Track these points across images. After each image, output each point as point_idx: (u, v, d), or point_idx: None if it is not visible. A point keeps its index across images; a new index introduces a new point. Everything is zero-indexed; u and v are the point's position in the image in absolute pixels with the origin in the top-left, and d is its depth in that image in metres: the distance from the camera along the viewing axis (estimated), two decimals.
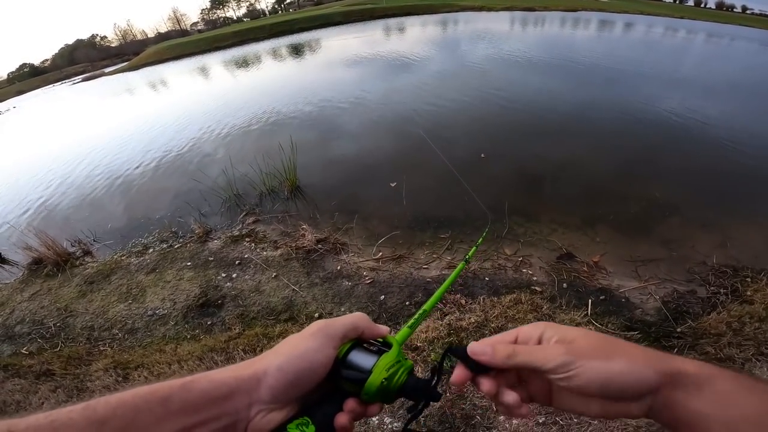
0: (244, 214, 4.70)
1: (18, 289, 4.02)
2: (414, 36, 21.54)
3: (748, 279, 2.97)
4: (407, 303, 3.00)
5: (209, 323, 3.14)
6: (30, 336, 3.31)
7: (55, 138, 12.50)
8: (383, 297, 3.10)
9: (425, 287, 3.13)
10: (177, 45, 42.36)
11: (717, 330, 2.45)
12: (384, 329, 0.50)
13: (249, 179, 5.32)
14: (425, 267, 3.40)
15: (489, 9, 33.28)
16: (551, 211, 4.09)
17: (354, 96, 9.37)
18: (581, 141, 5.83)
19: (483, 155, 5.52)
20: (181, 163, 7.04)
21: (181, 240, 4.39)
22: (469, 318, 2.64)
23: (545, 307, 2.72)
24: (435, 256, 3.54)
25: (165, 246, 4.34)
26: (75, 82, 43.53)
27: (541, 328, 0.45)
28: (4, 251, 4.78)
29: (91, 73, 48.36)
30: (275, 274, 3.53)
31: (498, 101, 7.85)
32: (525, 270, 3.26)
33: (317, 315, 3.01)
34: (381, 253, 3.67)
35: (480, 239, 0.96)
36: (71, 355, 2.92)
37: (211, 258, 3.92)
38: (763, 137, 5.76)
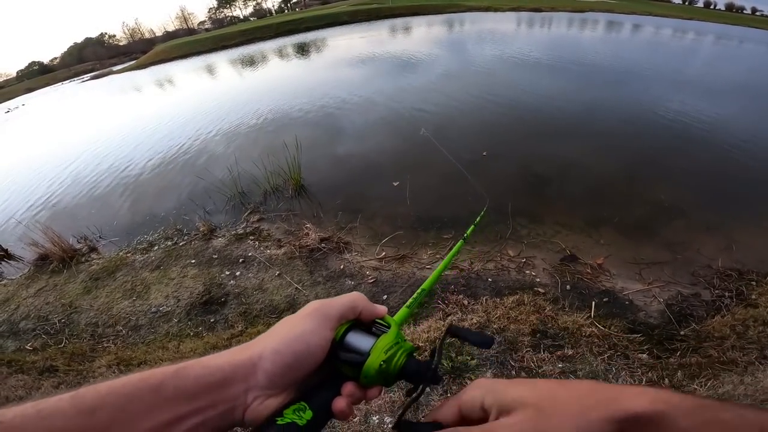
0: (248, 212, 4.72)
1: (24, 285, 4.07)
2: (420, 36, 21.53)
3: (753, 282, 2.94)
4: None
5: (212, 321, 3.16)
6: (35, 332, 3.34)
7: (63, 135, 12.63)
8: (386, 296, 3.10)
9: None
10: (184, 43, 42.64)
11: (721, 333, 2.44)
12: (382, 309, 0.49)
13: (254, 177, 5.34)
14: (428, 267, 3.40)
15: (495, 9, 33.20)
16: (555, 213, 4.08)
17: (359, 95, 9.39)
18: (586, 142, 5.79)
19: (485, 153, 5.52)
20: (187, 161, 7.08)
21: (186, 237, 4.42)
22: (471, 318, 2.63)
23: (548, 309, 2.71)
24: (438, 256, 3.54)
25: (170, 243, 4.37)
26: (83, 80, 43.94)
27: (481, 392, 0.41)
28: (10, 247, 4.82)
29: (100, 71, 48.81)
30: (278, 272, 3.54)
31: (503, 102, 7.83)
32: (528, 271, 3.25)
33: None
34: (384, 253, 3.67)
35: (478, 218, 0.94)
36: (75, 352, 2.94)
37: (216, 256, 3.94)
38: None
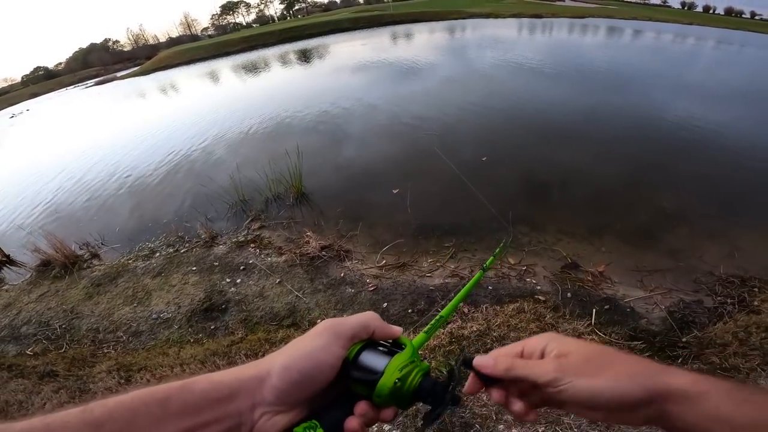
0: (249, 219, 4.74)
1: (26, 291, 4.08)
2: (421, 42, 21.66)
3: (755, 289, 2.93)
4: (410, 311, 3.00)
5: (213, 327, 3.16)
6: (35, 337, 3.35)
7: (67, 141, 12.72)
8: (386, 304, 3.10)
9: (428, 295, 3.12)
10: (188, 50, 43.04)
11: (723, 340, 2.43)
12: (397, 329, 0.48)
13: (255, 185, 5.36)
14: (428, 275, 3.40)
15: (497, 16, 33.37)
16: (556, 220, 4.07)
17: (359, 102, 9.43)
18: (587, 148, 5.80)
19: (484, 159, 5.55)
20: (189, 168, 7.12)
21: (188, 244, 4.43)
22: (471, 326, 2.63)
23: (548, 317, 2.71)
24: (438, 264, 3.54)
25: (171, 250, 4.38)
26: (88, 85, 44.28)
27: (546, 340, 0.46)
28: (12, 253, 4.85)
29: (104, 77, 49.20)
30: (279, 279, 3.54)
31: (503, 108, 7.86)
32: (529, 279, 3.24)
33: (320, 321, 3.01)
34: (385, 261, 3.67)
35: (498, 249, 0.96)
36: (75, 357, 2.95)
37: (217, 263, 3.95)
38: None
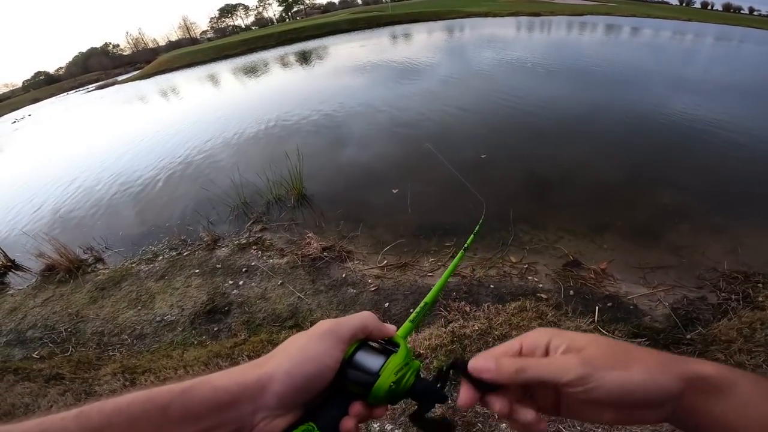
0: (251, 222, 4.76)
1: (31, 295, 4.11)
2: (419, 43, 21.67)
3: (759, 285, 2.92)
4: (411, 310, 2.99)
5: (216, 329, 3.18)
6: (42, 340, 3.37)
7: (70, 146, 12.77)
8: (388, 304, 3.11)
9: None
10: (187, 53, 43.11)
11: (727, 336, 2.42)
12: (391, 328, 0.48)
13: (256, 187, 5.38)
14: (430, 275, 3.41)
15: (494, 15, 33.37)
16: (557, 218, 4.08)
17: (358, 103, 9.46)
18: (588, 145, 5.80)
19: (483, 156, 5.58)
20: (191, 172, 7.14)
21: (190, 248, 4.45)
22: (473, 325, 2.63)
23: (550, 315, 2.71)
24: (440, 263, 3.55)
25: (174, 253, 4.40)
26: (89, 90, 44.42)
27: (547, 335, 0.42)
28: (17, 258, 4.87)
29: (105, 81, 49.37)
30: (281, 281, 3.56)
31: (503, 107, 7.86)
32: (530, 277, 3.25)
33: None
34: (386, 261, 3.68)
35: (477, 227, 0.95)
36: (81, 360, 2.97)
37: (219, 265, 3.97)
38: None
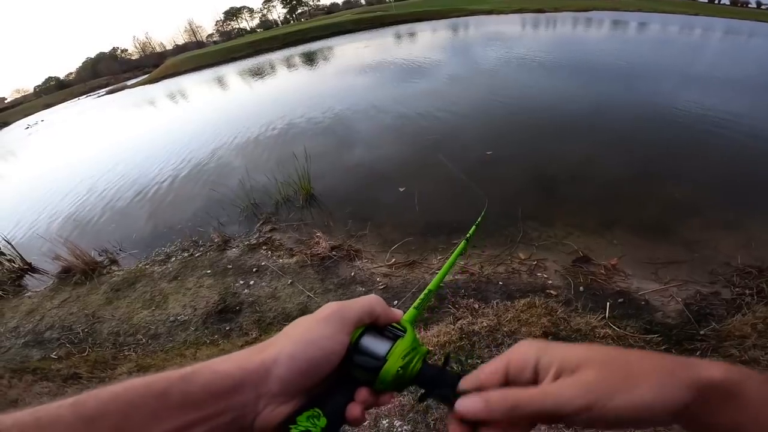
0: (260, 222, 4.81)
1: (48, 297, 4.20)
2: (423, 42, 21.64)
3: None
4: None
5: (227, 329, 3.22)
6: (59, 341, 3.45)
7: (83, 150, 12.99)
8: (396, 303, 3.12)
9: (438, 292, 3.13)
10: (194, 57, 43.57)
11: (741, 332, 2.39)
12: (398, 313, 0.47)
13: (265, 188, 5.44)
14: (438, 272, 3.41)
15: (498, 12, 33.18)
16: (566, 214, 4.06)
17: (365, 103, 9.48)
18: (596, 141, 5.76)
19: (489, 152, 5.59)
20: (201, 174, 7.23)
21: (201, 249, 4.51)
22: (482, 322, 2.64)
23: (560, 311, 2.70)
24: (444, 257, 3.55)
25: (186, 255, 4.47)
26: (99, 95, 45.11)
27: (535, 351, 0.38)
28: (34, 261, 4.98)
29: (114, 86, 50.09)
30: (291, 280, 3.60)
31: (508, 102, 7.83)
32: (540, 274, 3.24)
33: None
34: (394, 259, 3.70)
35: (479, 218, 0.95)
36: (98, 360, 3.04)
37: (230, 266, 4.02)
38: None
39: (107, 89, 49.35)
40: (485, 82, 9.93)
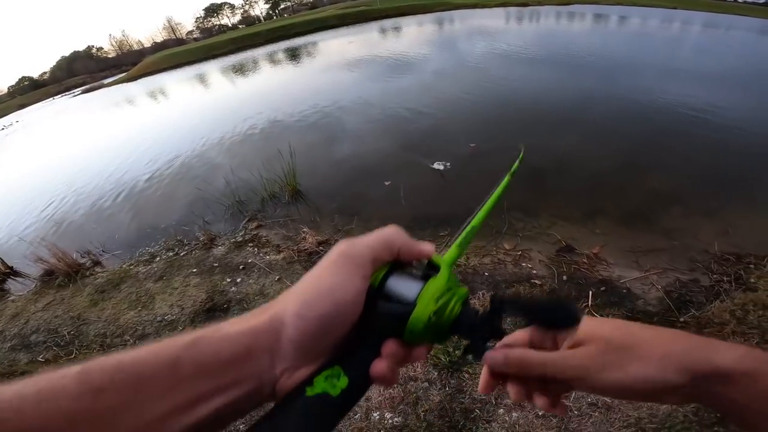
0: (246, 219, 4.77)
1: (32, 300, 4.10)
2: (408, 37, 21.60)
3: (751, 266, 2.95)
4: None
5: None
6: (45, 344, 3.38)
7: (61, 151, 12.65)
8: None
9: None
10: (174, 54, 42.67)
11: (721, 319, 2.44)
12: (428, 248, 0.40)
13: (250, 185, 5.39)
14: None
15: (483, 6, 33.30)
16: (550, 205, 4.13)
17: (350, 99, 9.45)
18: (578, 132, 5.85)
19: (473, 144, 5.63)
20: (184, 172, 7.13)
21: (187, 247, 4.46)
22: None
23: None
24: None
25: (171, 254, 4.41)
26: (75, 94, 43.93)
27: None
28: (16, 264, 4.86)
29: (91, 85, 48.84)
30: (278, 277, 3.59)
31: (492, 97, 7.89)
32: (524, 264, 3.30)
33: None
34: None
35: (520, 156, 0.89)
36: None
37: (216, 264, 3.99)
38: (765, 122, 5.75)
39: (83, 88, 48.06)
40: (469, 76, 9.97)
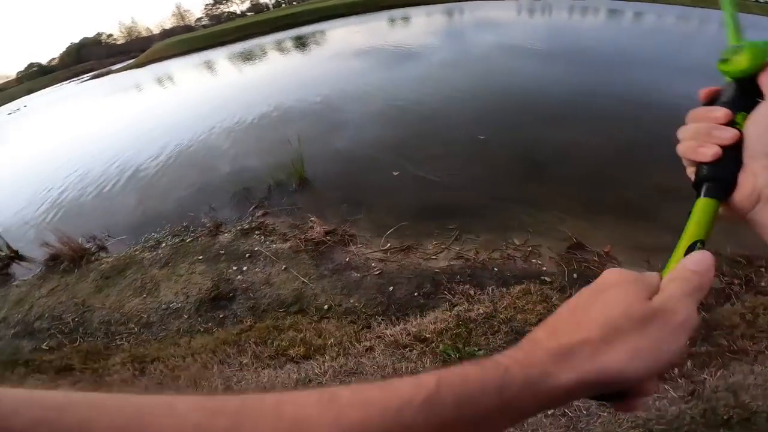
0: (253, 207, 4.74)
1: (36, 286, 4.12)
2: (417, 27, 21.34)
3: (762, 269, 2.90)
4: (416, 294, 3.02)
5: (221, 316, 3.19)
6: (49, 331, 3.39)
7: (67, 136, 12.67)
8: (392, 288, 3.12)
9: (434, 278, 3.14)
10: (182, 41, 42.53)
11: (730, 322, 2.42)
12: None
13: (257, 173, 5.38)
14: (433, 257, 3.41)
15: None
16: (560, 200, 4.06)
17: (358, 88, 9.36)
18: (588, 128, 5.74)
19: (482, 137, 5.55)
20: (190, 158, 7.11)
21: (193, 234, 4.45)
22: (478, 309, 2.65)
23: (555, 298, 2.72)
24: (443, 246, 3.55)
25: (177, 240, 4.40)
26: (83, 80, 43.94)
27: None
28: (21, 248, 4.87)
29: (99, 71, 48.77)
30: (285, 266, 3.56)
31: (500, 89, 7.78)
32: (534, 260, 3.26)
33: (326, 307, 3.03)
34: (389, 244, 3.68)
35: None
36: (90, 350, 3.00)
37: (222, 251, 3.97)
38: None
39: (92, 74, 48.04)
40: (477, 68, 9.84)
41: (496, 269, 3.15)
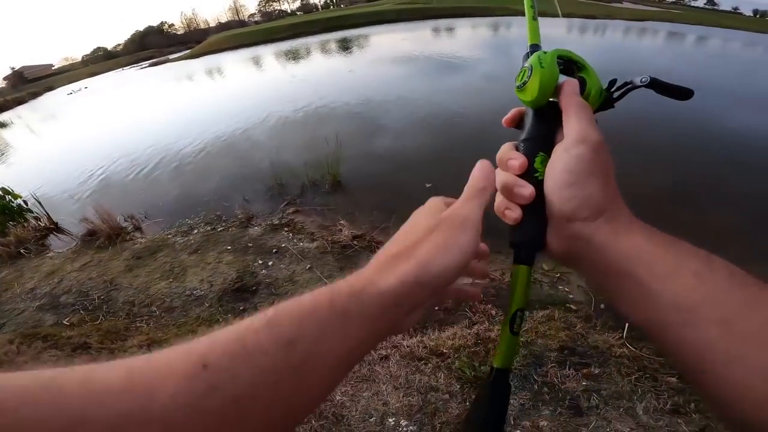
0: (285, 203, 4.81)
1: (70, 259, 4.28)
2: (463, 38, 21.22)
3: None
4: (436, 308, 2.94)
5: (242, 308, 3.22)
6: (74, 307, 3.45)
7: (121, 117, 13.41)
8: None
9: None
10: (236, 35, 44.28)
11: None
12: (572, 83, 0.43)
13: (293, 169, 5.44)
14: None
15: (546, 15, 32.12)
16: None
17: (400, 94, 9.36)
18: (629, 155, 5.47)
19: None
20: (231, 149, 7.33)
21: (224, 224, 4.54)
22: (498, 330, 2.54)
23: (579, 326, 2.58)
24: None
25: (209, 228, 4.50)
26: (143, 66, 46.58)
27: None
28: (61, 221, 5.10)
29: (158, 59, 51.62)
30: (309, 265, 3.57)
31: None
32: (562, 287, 3.11)
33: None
34: None
35: None
36: (110, 329, 3.02)
37: (251, 244, 4.02)
38: None
39: (151, 62, 50.93)
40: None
41: None
